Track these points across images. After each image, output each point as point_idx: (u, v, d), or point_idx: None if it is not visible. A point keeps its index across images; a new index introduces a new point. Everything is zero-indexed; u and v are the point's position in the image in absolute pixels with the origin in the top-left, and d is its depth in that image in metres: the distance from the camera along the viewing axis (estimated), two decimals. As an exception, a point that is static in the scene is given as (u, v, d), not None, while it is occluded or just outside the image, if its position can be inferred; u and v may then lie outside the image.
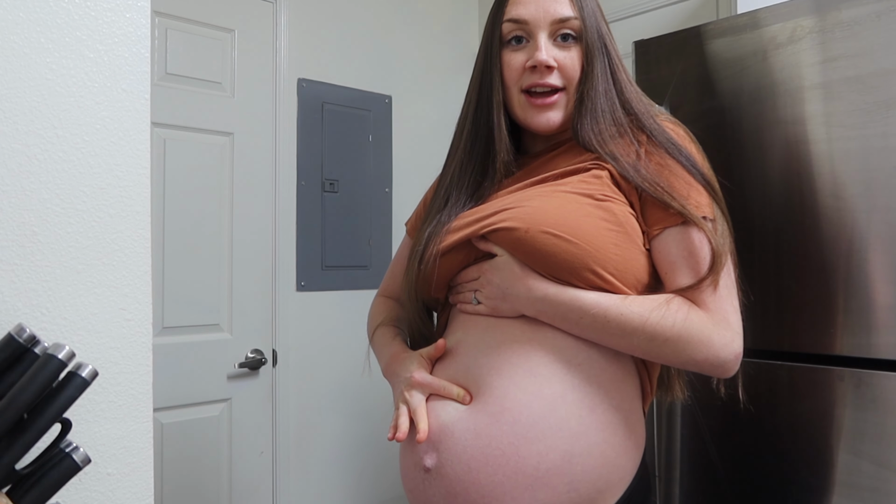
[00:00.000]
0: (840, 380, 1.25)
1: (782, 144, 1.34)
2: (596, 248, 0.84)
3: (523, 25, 0.95)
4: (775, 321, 1.34)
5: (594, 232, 0.84)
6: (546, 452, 0.81)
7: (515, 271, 0.87)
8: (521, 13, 0.95)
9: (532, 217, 0.86)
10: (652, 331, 0.83)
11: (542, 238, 0.84)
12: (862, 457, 1.22)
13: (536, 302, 0.86)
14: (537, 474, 0.80)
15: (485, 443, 0.82)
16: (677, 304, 0.84)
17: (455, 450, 0.83)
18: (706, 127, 1.44)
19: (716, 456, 1.41)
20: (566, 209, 0.86)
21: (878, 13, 1.22)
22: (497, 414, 0.83)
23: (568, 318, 0.85)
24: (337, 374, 2.26)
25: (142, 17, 0.78)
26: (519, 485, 0.80)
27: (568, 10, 0.94)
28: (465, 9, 2.71)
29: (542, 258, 0.85)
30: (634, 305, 0.84)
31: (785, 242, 1.33)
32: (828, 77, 1.28)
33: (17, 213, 0.69)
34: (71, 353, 0.61)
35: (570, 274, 0.84)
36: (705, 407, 1.43)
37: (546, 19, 0.94)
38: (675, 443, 1.48)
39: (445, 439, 0.85)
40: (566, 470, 0.81)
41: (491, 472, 0.81)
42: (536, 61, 0.93)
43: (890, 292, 1.20)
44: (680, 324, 0.83)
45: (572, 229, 0.84)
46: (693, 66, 1.46)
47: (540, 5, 0.94)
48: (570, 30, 0.94)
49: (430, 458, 0.86)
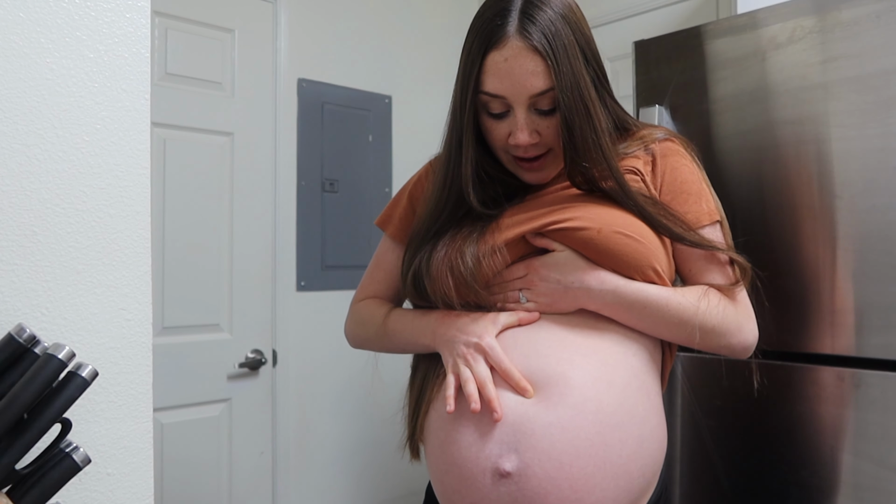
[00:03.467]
0: (840, 380, 1.25)
1: (782, 144, 1.34)
2: (656, 247, 0.90)
3: (501, 99, 0.91)
4: (775, 321, 1.34)
5: (651, 233, 0.90)
6: (626, 439, 0.83)
7: (583, 266, 0.89)
8: (498, 88, 0.90)
9: (601, 218, 0.89)
10: (702, 320, 0.90)
11: (615, 238, 0.88)
12: (863, 457, 1.22)
13: (607, 294, 0.88)
14: (620, 461, 0.82)
15: (573, 435, 0.80)
16: (716, 296, 0.92)
17: (541, 447, 0.80)
18: (706, 127, 1.44)
19: (716, 456, 1.41)
20: (625, 214, 0.90)
21: (878, 13, 1.22)
22: (579, 405, 0.82)
23: (633, 308, 0.89)
24: (337, 374, 2.26)
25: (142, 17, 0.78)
26: (608, 474, 0.81)
27: (542, 83, 0.88)
28: (465, 9, 2.71)
29: (614, 256, 0.88)
30: (686, 297, 0.90)
31: (785, 242, 1.33)
32: (828, 77, 1.28)
33: (17, 213, 0.69)
34: (71, 353, 0.61)
35: (636, 270, 0.89)
36: (705, 407, 1.43)
37: (523, 94, 0.89)
38: (676, 443, 1.48)
39: (525, 438, 0.81)
40: (639, 454, 0.84)
41: (583, 465, 0.80)
42: (517, 142, 0.92)
43: (890, 292, 1.20)
44: (722, 314, 0.91)
45: (639, 230, 0.89)
46: (693, 66, 1.46)
47: (515, 80, 0.89)
48: (547, 103, 0.91)
49: (509, 462, 0.80)
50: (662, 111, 1.50)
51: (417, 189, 1.11)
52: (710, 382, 1.43)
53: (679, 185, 0.96)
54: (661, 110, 1.50)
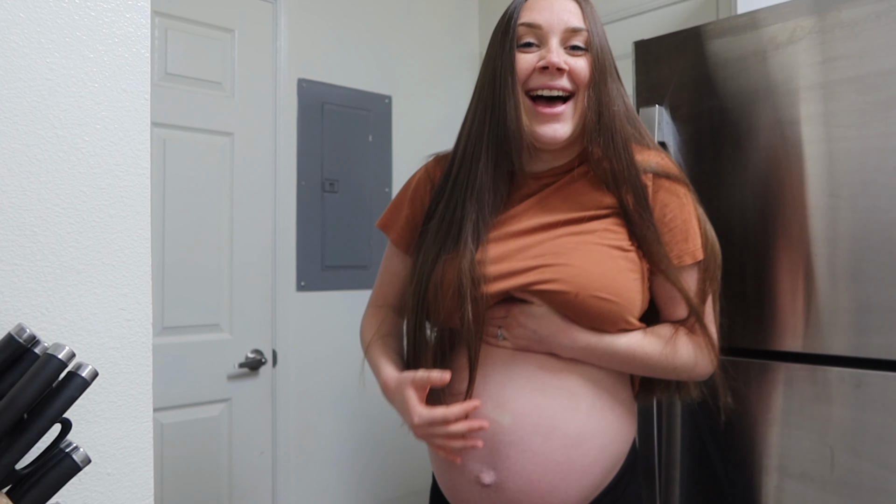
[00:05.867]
0: (840, 380, 1.25)
1: (782, 144, 1.34)
2: (630, 302, 0.97)
3: (536, 30, 0.98)
4: (774, 321, 1.34)
5: (628, 286, 0.97)
6: (589, 452, 0.96)
7: (558, 324, 0.97)
8: (536, 18, 0.98)
9: (578, 281, 0.95)
10: (665, 363, 1.00)
11: (592, 301, 0.95)
12: (862, 457, 1.22)
13: (578, 350, 0.98)
14: (583, 470, 0.96)
15: (542, 458, 0.94)
16: (681, 338, 1.01)
17: (514, 468, 0.95)
18: (706, 127, 1.44)
19: (715, 456, 1.41)
20: (605, 266, 0.96)
21: (878, 13, 1.22)
22: (548, 433, 0.95)
23: (602, 360, 0.99)
24: (337, 373, 2.26)
25: (142, 17, 0.78)
26: (572, 482, 0.95)
27: (580, 23, 0.99)
28: (465, 9, 2.71)
29: (590, 317, 0.96)
30: (653, 346, 0.99)
31: (785, 242, 1.33)
32: (828, 77, 1.28)
33: (17, 213, 0.69)
34: (71, 354, 0.61)
35: (609, 325, 0.97)
36: (705, 407, 1.43)
37: (560, 26, 0.98)
38: (676, 443, 1.48)
39: (502, 460, 0.95)
40: (601, 458, 0.98)
41: (550, 479, 0.94)
42: (549, 62, 0.96)
43: (890, 292, 1.20)
44: (683, 355, 1.01)
45: (614, 290, 0.95)
46: (693, 66, 1.46)
47: (554, 13, 0.98)
48: (580, 41, 0.99)
49: (488, 476, 0.96)
50: (662, 111, 1.50)
51: (417, 195, 1.14)
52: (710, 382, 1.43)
53: (668, 222, 1.01)
54: (661, 110, 1.50)
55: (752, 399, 1.36)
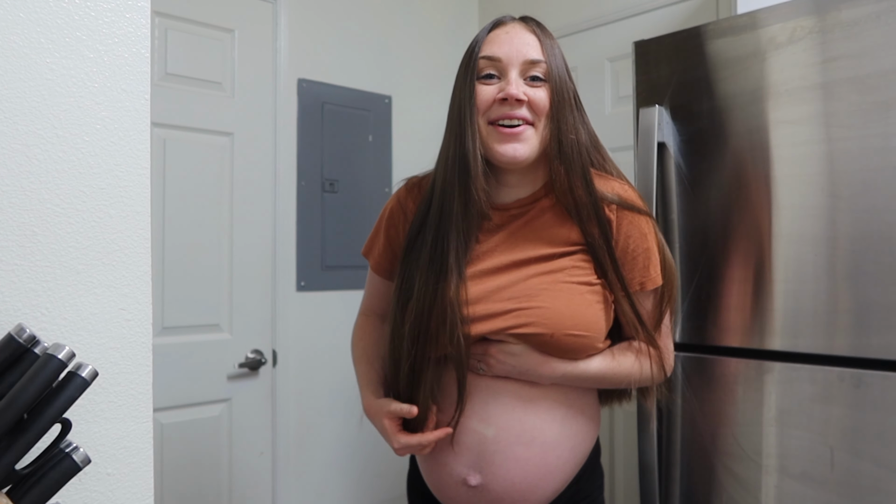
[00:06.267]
0: (840, 380, 1.25)
1: (782, 144, 1.34)
2: (599, 332, 1.07)
3: (496, 63, 1.04)
4: (774, 321, 1.34)
5: (596, 319, 1.07)
6: (562, 454, 1.09)
7: (537, 358, 1.06)
8: (496, 51, 1.04)
9: (552, 322, 1.04)
10: (633, 380, 1.14)
11: (566, 339, 1.04)
12: (862, 457, 1.22)
13: (557, 378, 1.08)
14: (557, 470, 1.09)
15: (523, 463, 1.06)
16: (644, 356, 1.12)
17: (499, 472, 1.06)
18: (706, 127, 1.44)
19: (715, 456, 1.41)
20: (575, 304, 1.05)
21: (878, 13, 1.22)
22: (528, 442, 1.06)
23: (577, 382, 1.10)
24: (337, 373, 2.26)
25: (142, 17, 0.78)
26: (549, 481, 1.08)
27: (539, 55, 1.04)
28: (465, 9, 2.71)
29: (564, 352, 1.06)
30: (621, 366, 1.11)
31: (785, 242, 1.33)
32: (828, 77, 1.28)
33: (17, 213, 0.69)
34: (71, 354, 0.61)
35: (581, 355, 1.08)
36: (705, 407, 1.43)
37: (518, 58, 1.03)
38: (676, 443, 1.48)
39: (487, 465, 1.06)
40: (573, 458, 1.11)
41: (529, 480, 1.07)
42: (507, 93, 1.01)
43: (890, 292, 1.20)
44: (648, 370, 1.12)
45: (585, 325, 1.05)
46: (693, 66, 1.46)
47: (513, 46, 1.04)
48: (539, 73, 1.04)
49: (474, 479, 1.07)
50: (662, 111, 1.50)
51: (391, 224, 1.22)
52: (709, 382, 1.43)
53: (630, 252, 1.10)
54: (661, 110, 1.50)
55: (751, 399, 1.37)
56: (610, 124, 2.28)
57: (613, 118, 2.27)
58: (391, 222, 1.21)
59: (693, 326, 1.46)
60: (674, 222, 1.49)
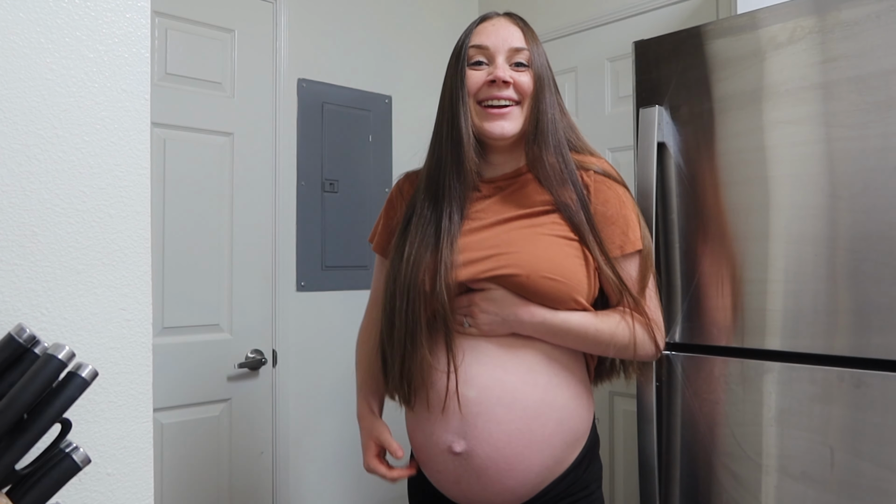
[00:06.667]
0: (840, 380, 1.25)
1: (782, 144, 1.34)
2: (576, 282, 1.10)
3: (485, 51, 1.15)
4: (774, 321, 1.34)
5: (573, 269, 1.10)
6: (547, 423, 1.09)
7: (517, 302, 1.10)
8: (484, 41, 1.15)
9: (530, 264, 1.09)
10: (616, 342, 1.13)
11: (541, 281, 1.08)
12: (862, 457, 1.22)
13: (537, 325, 1.10)
14: (542, 440, 1.09)
15: (505, 427, 1.07)
16: (627, 319, 1.13)
17: (482, 437, 1.08)
18: (706, 127, 1.44)
19: (715, 455, 1.41)
20: (554, 252, 1.10)
21: (878, 13, 1.22)
22: (510, 404, 1.08)
23: (558, 335, 1.11)
24: (337, 373, 2.26)
25: (142, 17, 0.78)
26: (533, 450, 1.08)
27: (522, 43, 1.15)
28: (465, 9, 2.71)
29: (541, 295, 1.09)
30: (604, 324, 1.12)
31: (785, 242, 1.33)
32: (828, 77, 1.28)
33: (17, 213, 0.69)
34: (71, 354, 0.61)
35: (560, 303, 1.10)
36: (705, 407, 1.43)
37: (504, 46, 1.14)
38: (676, 443, 1.48)
39: (470, 430, 1.08)
40: (559, 431, 1.11)
41: (513, 447, 1.07)
42: (496, 76, 1.12)
43: (890, 292, 1.20)
44: (632, 336, 1.14)
45: (560, 272, 1.09)
46: (693, 66, 1.46)
47: (500, 36, 1.15)
48: (522, 59, 1.15)
49: (459, 445, 1.09)
50: (662, 111, 1.50)
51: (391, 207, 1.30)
52: (710, 382, 1.43)
53: (609, 216, 1.14)
54: (661, 110, 1.50)
55: (751, 399, 1.37)
56: (610, 124, 2.28)
57: (613, 118, 2.27)
58: (390, 205, 1.31)
59: (693, 326, 1.46)
60: (674, 222, 1.49)
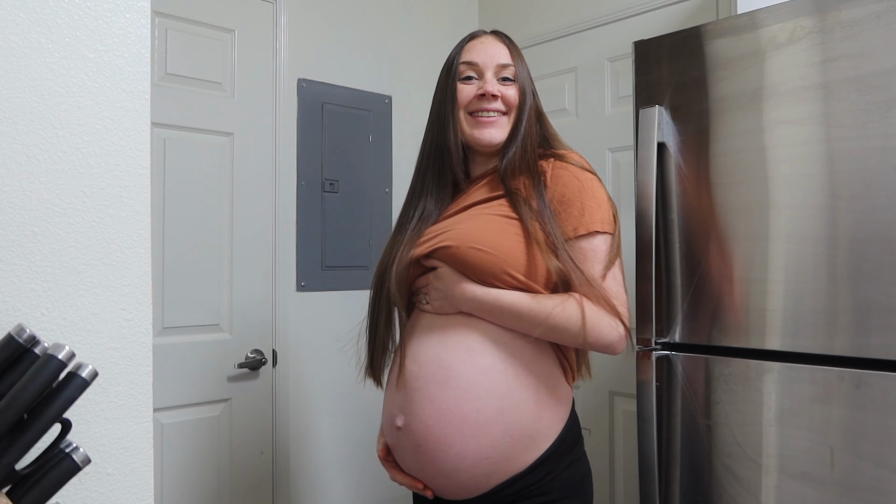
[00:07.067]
0: (840, 380, 1.25)
1: (782, 144, 1.34)
2: (510, 256, 1.10)
3: (474, 67, 1.23)
4: (774, 321, 1.34)
5: (508, 243, 1.10)
6: (482, 409, 1.07)
7: (453, 278, 1.13)
8: (474, 57, 1.23)
9: (462, 236, 1.12)
10: (554, 322, 1.08)
11: (469, 252, 1.10)
12: (862, 457, 1.22)
13: (468, 301, 1.11)
14: (477, 425, 1.07)
15: (437, 405, 1.08)
16: (575, 301, 1.08)
17: (416, 412, 1.10)
18: (706, 127, 1.44)
19: (715, 455, 1.41)
20: (488, 227, 1.13)
21: (878, 13, 1.22)
22: (444, 382, 1.08)
23: (492, 313, 1.11)
24: (337, 374, 2.26)
25: (142, 17, 0.78)
26: (465, 434, 1.07)
27: (508, 60, 1.23)
28: (465, 9, 2.71)
29: (470, 267, 1.11)
30: (541, 304, 1.09)
31: (785, 242, 1.33)
32: (828, 77, 1.28)
33: (17, 213, 0.69)
34: (71, 354, 0.61)
35: (493, 277, 1.10)
36: (705, 407, 1.43)
37: (492, 62, 1.22)
38: (676, 443, 1.48)
39: (408, 405, 1.11)
40: (499, 421, 1.07)
41: (443, 427, 1.07)
42: (485, 90, 1.20)
43: (890, 292, 1.20)
44: (575, 316, 1.08)
45: (491, 243, 1.10)
46: (693, 66, 1.47)
47: (488, 53, 1.23)
48: (509, 74, 1.23)
49: (399, 420, 1.13)
50: (662, 111, 1.50)
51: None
52: (710, 382, 1.43)
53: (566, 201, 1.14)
54: (661, 110, 1.50)
55: (751, 399, 1.37)
56: (610, 124, 2.28)
57: (613, 118, 2.27)
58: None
59: (693, 326, 1.46)
60: (674, 222, 1.49)
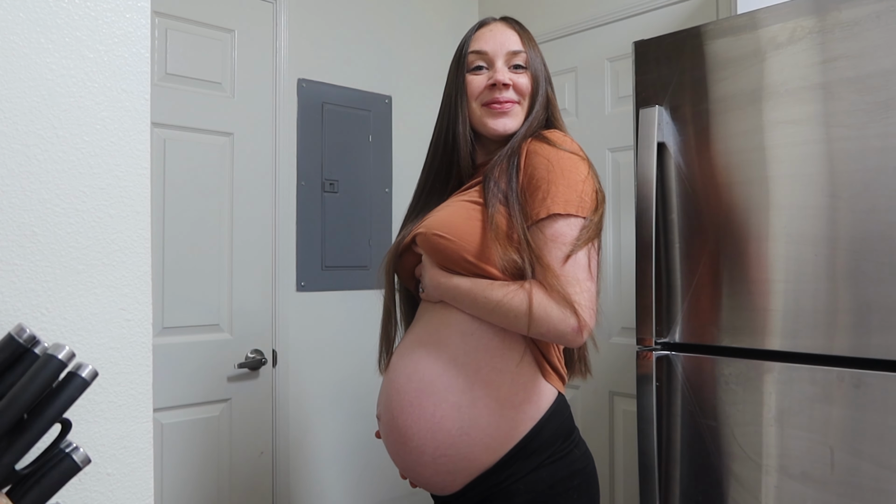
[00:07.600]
0: (840, 380, 1.25)
1: (782, 144, 1.34)
2: (467, 242, 1.08)
3: (484, 56, 1.19)
4: (774, 321, 1.34)
5: (470, 230, 1.08)
6: (439, 403, 1.07)
7: (427, 265, 1.16)
8: (483, 46, 1.20)
9: (430, 223, 1.13)
10: (505, 310, 1.04)
11: (433, 238, 1.11)
12: (862, 457, 1.22)
13: (434, 288, 1.13)
14: (434, 420, 1.06)
15: (402, 397, 1.10)
16: (524, 290, 1.03)
17: (387, 403, 1.13)
18: (706, 127, 1.44)
19: (715, 456, 1.41)
20: (455, 214, 1.12)
21: (878, 13, 1.22)
22: (409, 374, 1.11)
23: (455, 299, 1.10)
24: (337, 374, 2.26)
25: (142, 17, 0.78)
26: (423, 428, 1.07)
27: (519, 46, 1.19)
28: (465, 9, 2.71)
29: (434, 253, 1.12)
30: (495, 291, 1.05)
31: (785, 242, 1.33)
32: (828, 77, 1.28)
33: (17, 213, 0.69)
34: (71, 354, 0.61)
35: (453, 263, 1.10)
36: (705, 407, 1.43)
37: (503, 50, 1.18)
38: (676, 443, 1.48)
39: (384, 395, 1.15)
40: (455, 417, 1.06)
41: (404, 419, 1.09)
42: (496, 80, 1.16)
43: (890, 292, 1.20)
44: (525, 304, 1.02)
45: (450, 230, 1.09)
46: (693, 66, 1.46)
47: (497, 40, 1.19)
48: (520, 61, 1.19)
49: (377, 409, 1.17)
50: (662, 111, 1.50)
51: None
52: (710, 382, 1.43)
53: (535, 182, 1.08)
54: (660, 110, 1.50)
55: (751, 399, 1.37)
56: (610, 124, 2.28)
57: (613, 118, 2.27)
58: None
59: (693, 326, 1.46)
60: (674, 222, 1.49)
